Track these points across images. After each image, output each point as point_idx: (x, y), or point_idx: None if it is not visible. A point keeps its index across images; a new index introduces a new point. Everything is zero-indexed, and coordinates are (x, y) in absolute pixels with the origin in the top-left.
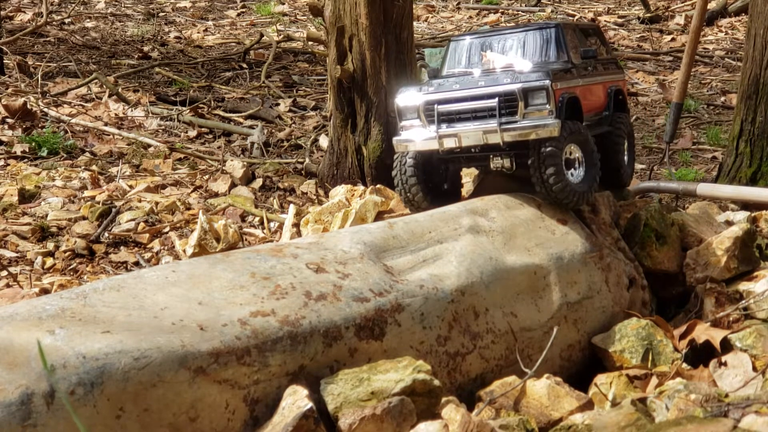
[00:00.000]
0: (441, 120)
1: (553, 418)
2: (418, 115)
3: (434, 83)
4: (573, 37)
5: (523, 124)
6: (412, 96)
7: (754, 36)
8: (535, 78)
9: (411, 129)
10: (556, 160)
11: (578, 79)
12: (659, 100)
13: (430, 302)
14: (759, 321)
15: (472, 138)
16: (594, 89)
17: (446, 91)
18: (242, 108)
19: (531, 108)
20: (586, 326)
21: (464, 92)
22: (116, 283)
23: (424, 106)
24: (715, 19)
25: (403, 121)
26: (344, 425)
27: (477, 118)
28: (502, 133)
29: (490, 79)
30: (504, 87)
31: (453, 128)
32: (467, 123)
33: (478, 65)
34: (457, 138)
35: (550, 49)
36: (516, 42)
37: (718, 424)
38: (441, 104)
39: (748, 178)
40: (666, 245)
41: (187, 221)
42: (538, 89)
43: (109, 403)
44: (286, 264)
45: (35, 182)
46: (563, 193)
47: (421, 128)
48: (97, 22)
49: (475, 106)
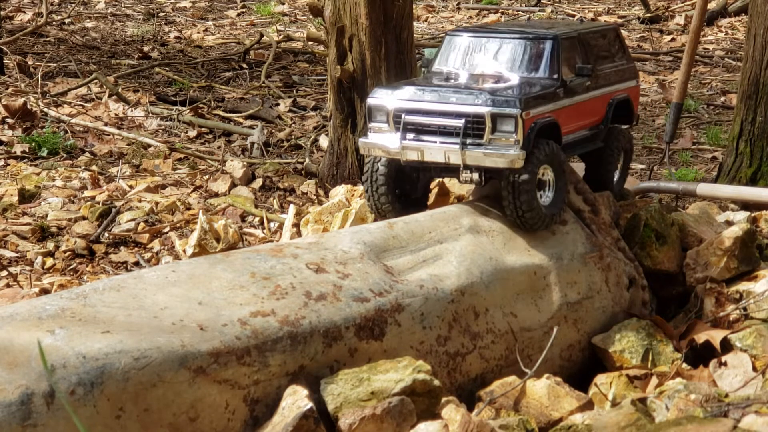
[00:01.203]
0: (407, 129)
1: (553, 418)
2: (387, 120)
3: (408, 89)
4: (571, 50)
5: (487, 150)
6: (384, 98)
7: (754, 36)
8: (506, 104)
9: (378, 132)
10: (529, 187)
11: (564, 100)
12: (659, 100)
13: (430, 302)
14: (759, 321)
15: (434, 154)
16: (586, 106)
17: (417, 101)
18: (242, 108)
19: (498, 134)
20: (586, 326)
21: (434, 106)
22: (116, 283)
23: (394, 112)
24: (715, 19)
25: (371, 122)
26: (344, 425)
27: (444, 134)
28: (465, 155)
29: (462, 97)
30: (473, 108)
31: (418, 141)
32: (433, 137)
33: (467, 67)
34: (420, 152)
35: (541, 63)
36: (509, 49)
37: (718, 424)
38: (409, 114)
39: (748, 178)
40: (666, 245)
41: (187, 221)
42: (506, 116)
43: (109, 403)
44: (286, 264)
45: (35, 182)
46: (534, 219)
47: (388, 133)
48: (97, 22)
49: (442, 122)
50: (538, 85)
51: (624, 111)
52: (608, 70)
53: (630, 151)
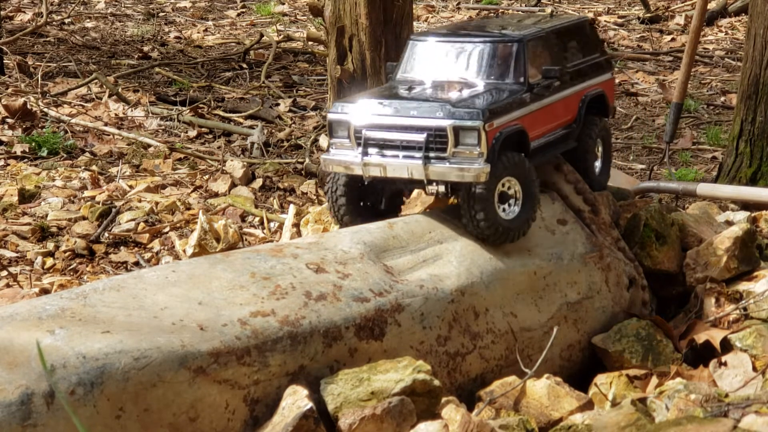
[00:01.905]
0: (369, 145)
1: (553, 418)
2: (349, 135)
3: (369, 102)
4: (539, 52)
5: (451, 165)
6: (345, 113)
7: (754, 36)
8: (468, 116)
9: (341, 148)
10: (485, 203)
11: (531, 105)
12: (659, 100)
13: (430, 302)
14: (759, 321)
15: (397, 170)
16: (556, 107)
17: (378, 115)
18: (242, 108)
19: (461, 147)
20: (586, 326)
21: (395, 120)
22: (116, 283)
23: (355, 128)
24: (715, 19)
25: (333, 138)
26: (344, 425)
27: (406, 148)
28: (427, 170)
29: (423, 110)
30: (434, 122)
31: (380, 157)
32: (396, 151)
33: (431, 74)
34: (383, 168)
35: (507, 68)
36: (473, 54)
37: (718, 424)
38: (370, 129)
39: (748, 178)
40: (666, 245)
41: (187, 221)
42: (469, 129)
43: (109, 403)
44: (286, 264)
45: (35, 182)
46: (495, 234)
47: (350, 149)
48: (97, 22)
49: (403, 137)
50: (503, 92)
51: (599, 105)
52: (580, 66)
53: (608, 138)
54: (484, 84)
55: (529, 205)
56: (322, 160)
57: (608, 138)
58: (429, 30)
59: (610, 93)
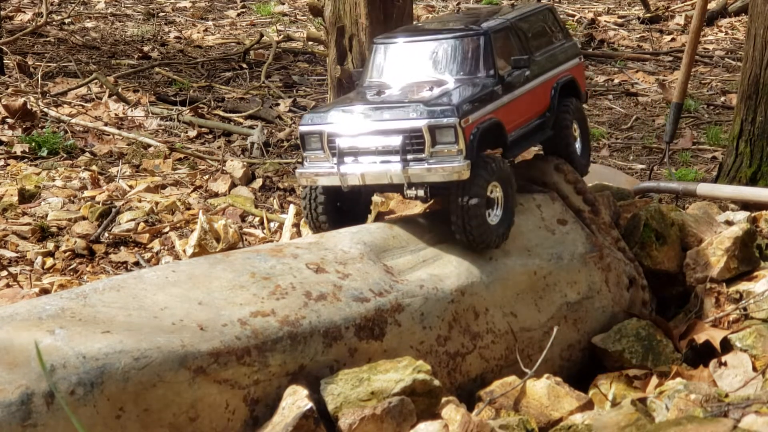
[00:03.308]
0: (344, 154)
1: (553, 418)
2: (322, 146)
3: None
4: (505, 42)
5: (430, 165)
6: (316, 123)
7: (754, 36)
8: (442, 114)
9: (315, 161)
10: (479, 210)
11: (504, 97)
12: (659, 100)
13: (430, 302)
14: (759, 321)
15: (376, 176)
16: (529, 97)
17: (349, 123)
18: (242, 108)
19: (439, 146)
20: (586, 326)
21: (368, 125)
22: (116, 283)
23: (328, 137)
24: (715, 19)
25: (306, 150)
26: (344, 425)
27: (383, 153)
28: (406, 173)
29: (396, 112)
30: (409, 123)
31: (357, 165)
32: (373, 157)
33: (399, 76)
34: (361, 176)
35: (475, 62)
36: (439, 51)
37: (718, 424)
38: (343, 138)
39: (748, 178)
40: (666, 245)
41: (187, 221)
42: (445, 127)
43: (109, 403)
44: (286, 264)
45: (35, 182)
46: (484, 240)
47: (325, 161)
48: (97, 22)
49: (379, 142)
50: (475, 87)
51: (571, 91)
52: (548, 53)
53: (583, 119)
54: (454, 80)
55: (510, 209)
56: (297, 175)
57: (584, 119)
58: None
59: (581, 78)
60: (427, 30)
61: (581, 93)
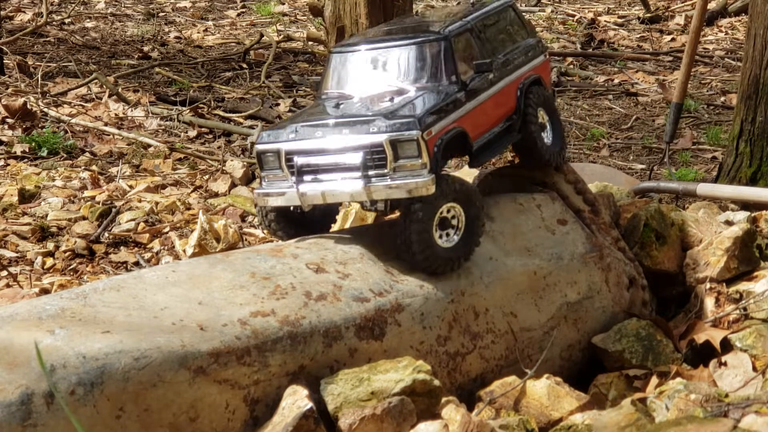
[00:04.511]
0: (303, 172)
1: (553, 418)
2: (280, 165)
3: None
4: (467, 46)
5: (393, 181)
6: (273, 141)
7: (754, 36)
8: (404, 127)
9: (274, 180)
10: (422, 227)
11: (468, 104)
12: (659, 100)
13: (430, 302)
14: (759, 321)
15: (338, 196)
16: (493, 101)
17: (308, 139)
18: (242, 108)
19: (402, 161)
20: (586, 326)
21: (327, 143)
22: (116, 283)
23: (286, 155)
24: (715, 19)
25: (264, 170)
26: (344, 425)
27: (344, 170)
28: (368, 191)
29: (355, 127)
30: (369, 138)
31: (317, 183)
32: (333, 175)
33: (358, 86)
34: (322, 195)
35: (437, 68)
36: (399, 59)
37: (718, 424)
38: (302, 155)
39: (748, 178)
40: (666, 245)
41: (187, 221)
42: (407, 141)
43: (109, 403)
44: (286, 264)
45: (35, 182)
46: (427, 261)
47: (284, 180)
48: (97, 22)
49: (339, 159)
50: (438, 95)
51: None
52: (511, 53)
53: (550, 104)
54: (415, 89)
55: (472, 233)
56: (255, 196)
57: (551, 105)
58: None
59: (546, 76)
60: (385, 37)
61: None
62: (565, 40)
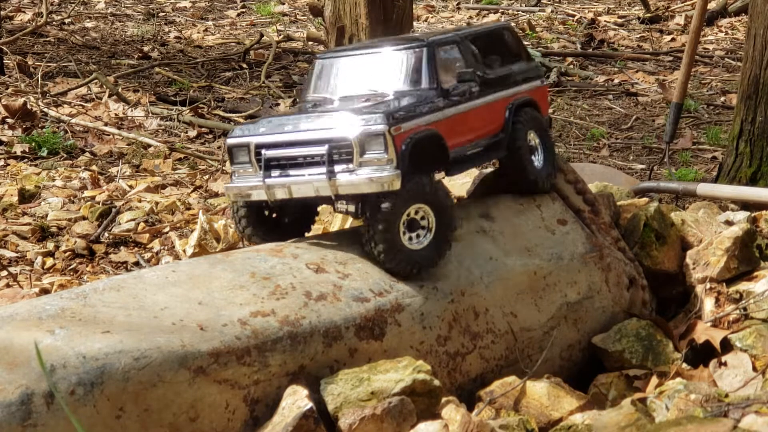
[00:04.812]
0: (271, 166)
1: (553, 418)
2: (250, 159)
3: (268, 121)
4: (451, 56)
5: (358, 176)
6: (243, 135)
7: (754, 36)
8: (371, 121)
9: (243, 175)
10: (388, 226)
11: (446, 109)
12: (659, 100)
13: (430, 302)
14: (759, 321)
15: (303, 189)
16: (478, 114)
17: (276, 133)
18: (242, 108)
19: (368, 156)
20: (586, 326)
21: (295, 135)
22: (116, 283)
23: (255, 149)
24: (715, 19)
25: (234, 164)
26: (344, 425)
27: (311, 165)
28: (333, 185)
29: (323, 121)
30: (336, 132)
31: (284, 177)
32: (300, 170)
33: (339, 90)
34: (288, 189)
35: (416, 75)
36: (380, 65)
37: (718, 424)
38: (270, 148)
39: (748, 178)
40: (666, 245)
41: (187, 221)
42: (373, 135)
43: (109, 403)
44: (286, 264)
45: (35, 182)
46: (393, 261)
47: (253, 175)
48: (97, 22)
49: (306, 152)
50: (414, 97)
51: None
52: (503, 72)
53: (542, 128)
54: (394, 93)
55: (444, 234)
56: (225, 190)
57: (541, 126)
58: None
59: (542, 101)
60: (370, 44)
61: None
62: (565, 40)
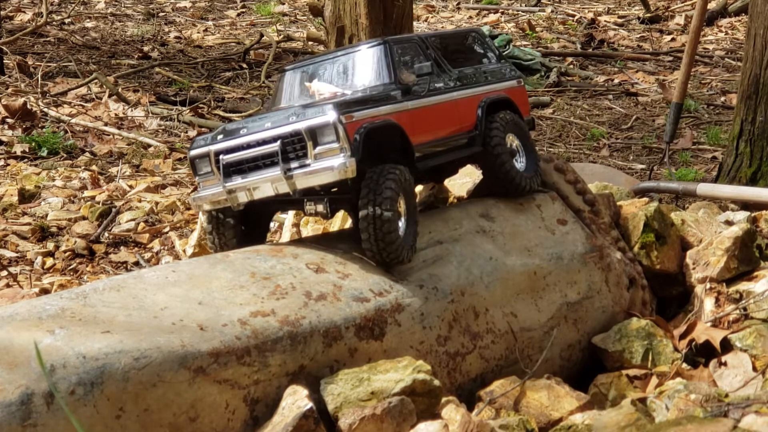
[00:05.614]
0: (232, 171)
1: (553, 418)
2: (211, 168)
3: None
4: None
5: (313, 168)
6: (203, 145)
7: (754, 36)
8: (321, 112)
9: (208, 185)
10: (393, 224)
11: (406, 102)
12: (659, 100)
13: (430, 302)
14: (759, 321)
15: (263, 189)
16: (445, 109)
17: (232, 138)
18: (242, 108)
19: (321, 147)
20: (586, 326)
21: (250, 137)
22: (116, 283)
23: (215, 156)
24: (715, 19)
25: (197, 176)
26: (344, 425)
27: (270, 165)
28: (290, 180)
29: (276, 119)
30: (288, 127)
31: (244, 179)
32: (260, 171)
33: (303, 97)
34: (248, 191)
35: (375, 72)
36: (339, 68)
37: (718, 424)
38: (228, 153)
39: (748, 178)
40: (666, 245)
41: (187, 221)
42: (323, 126)
43: (109, 403)
44: (286, 264)
45: (35, 182)
46: (394, 254)
47: (215, 183)
48: (97, 22)
49: (260, 152)
50: (368, 91)
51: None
52: (472, 71)
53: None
54: (353, 91)
55: (413, 220)
56: (191, 202)
57: (522, 131)
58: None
59: (519, 99)
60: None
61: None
62: (565, 40)
